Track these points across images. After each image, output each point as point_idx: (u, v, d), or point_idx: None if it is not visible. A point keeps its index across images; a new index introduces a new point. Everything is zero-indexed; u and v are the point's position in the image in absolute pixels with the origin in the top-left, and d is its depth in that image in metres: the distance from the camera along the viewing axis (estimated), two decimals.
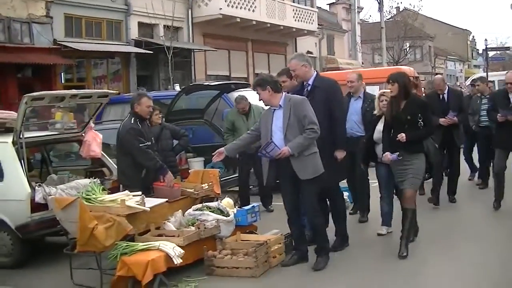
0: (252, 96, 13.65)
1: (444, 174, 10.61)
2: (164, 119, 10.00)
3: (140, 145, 7.54)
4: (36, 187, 7.68)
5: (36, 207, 7.60)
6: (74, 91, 8.43)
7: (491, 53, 47.19)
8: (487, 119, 10.54)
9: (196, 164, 11.21)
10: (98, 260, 6.71)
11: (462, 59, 69.32)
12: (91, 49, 19.94)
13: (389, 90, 7.81)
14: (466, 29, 71.20)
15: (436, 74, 41.82)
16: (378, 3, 32.45)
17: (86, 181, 8.29)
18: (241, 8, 27.49)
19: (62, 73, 20.09)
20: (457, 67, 67.97)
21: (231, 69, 29.37)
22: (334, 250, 7.37)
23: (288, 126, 6.73)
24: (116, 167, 8.90)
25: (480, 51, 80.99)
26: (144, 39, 22.67)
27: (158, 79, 23.95)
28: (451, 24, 68.84)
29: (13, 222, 7.65)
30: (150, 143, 7.83)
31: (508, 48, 48.19)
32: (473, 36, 76.27)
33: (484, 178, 11.59)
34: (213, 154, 7.14)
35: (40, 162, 9.60)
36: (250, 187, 10.49)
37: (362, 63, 41.61)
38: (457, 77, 66.17)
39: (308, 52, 37.74)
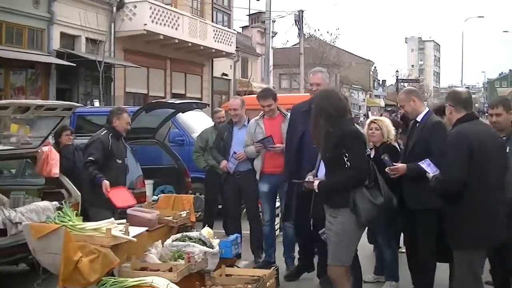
0: (202, 117, 13.12)
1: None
2: None
3: (89, 158, 7.10)
4: None
5: None
6: (40, 102, 7.55)
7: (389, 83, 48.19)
8: None
9: (146, 187, 10.43)
10: None
11: (365, 88, 71.19)
12: (14, 57, 18.55)
13: (381, 117, 7.42)
14: (369, 60, 73.28)
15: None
16: (298, 29, 32.50)
17: (46, 203, 7.42)
18: (165, 25, 26.72)
19: None
20: (360, 96, 69.74)
21: (149, 87, 28.50)
22: None
23: None
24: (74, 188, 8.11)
25: (381, 82, 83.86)
26: (67, 50, 21.41)
27: (77, 94, 22.68)
28: (354, 53, 70.59)
29: None
30: (121, 161, 7.24)
31: (418, 80, 49.86)
32: (375, 67, 78.60)
33: None
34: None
35: None
36: None
37: (273, 87, 41.63)
38: (359, 106, 67.89)
39: (224, 74, 37.50)
